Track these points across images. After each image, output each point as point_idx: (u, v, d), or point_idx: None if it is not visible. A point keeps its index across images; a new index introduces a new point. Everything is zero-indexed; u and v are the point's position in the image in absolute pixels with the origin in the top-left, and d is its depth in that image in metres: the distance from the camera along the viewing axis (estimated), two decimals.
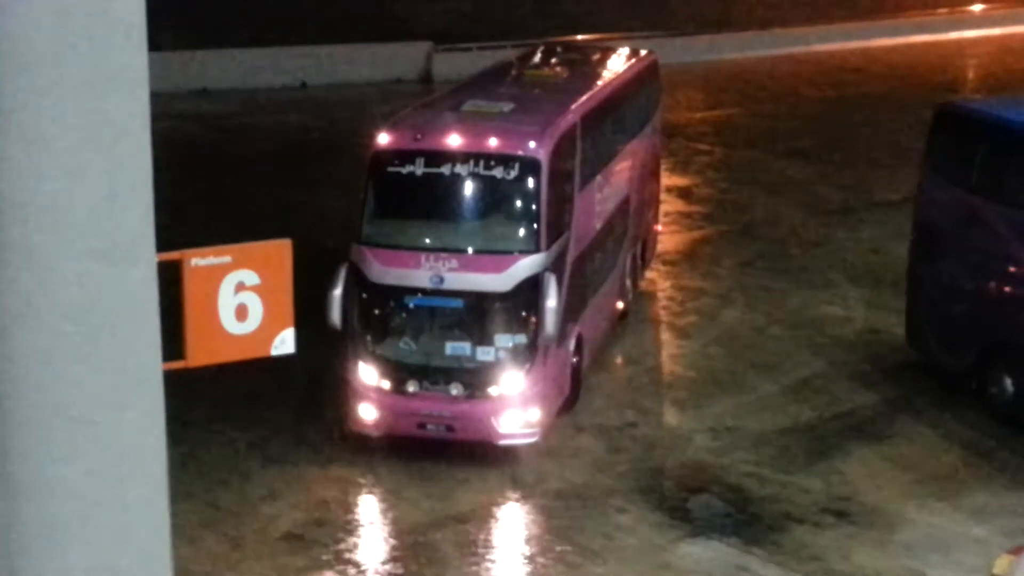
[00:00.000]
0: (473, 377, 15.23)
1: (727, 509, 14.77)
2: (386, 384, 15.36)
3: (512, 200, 15.63)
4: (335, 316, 15.06)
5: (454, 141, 15.57)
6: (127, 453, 5.92)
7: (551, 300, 15.02)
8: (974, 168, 16.82)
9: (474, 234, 15.53)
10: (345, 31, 35.93)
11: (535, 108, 17.31)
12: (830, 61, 38.36)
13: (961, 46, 40.98)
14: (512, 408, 15.23)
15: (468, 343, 15.24)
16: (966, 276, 16.88)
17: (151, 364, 5.99)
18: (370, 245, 15.40)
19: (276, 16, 35.99)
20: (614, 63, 20.98)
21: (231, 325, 8.93)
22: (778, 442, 16.23)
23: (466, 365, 15.24)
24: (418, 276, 15.11)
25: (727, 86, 35.83)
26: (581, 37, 34.95)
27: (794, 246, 23.28)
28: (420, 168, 15.45)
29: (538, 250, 15.27)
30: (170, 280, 7.94)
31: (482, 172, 15.42)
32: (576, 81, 19.32)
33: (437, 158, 15.48)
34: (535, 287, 15.07)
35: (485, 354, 15.20)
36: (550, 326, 15.07)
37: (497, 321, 15.26)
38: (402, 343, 15.40)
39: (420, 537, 14.16)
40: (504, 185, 15.48)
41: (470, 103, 16.91)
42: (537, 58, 21.14)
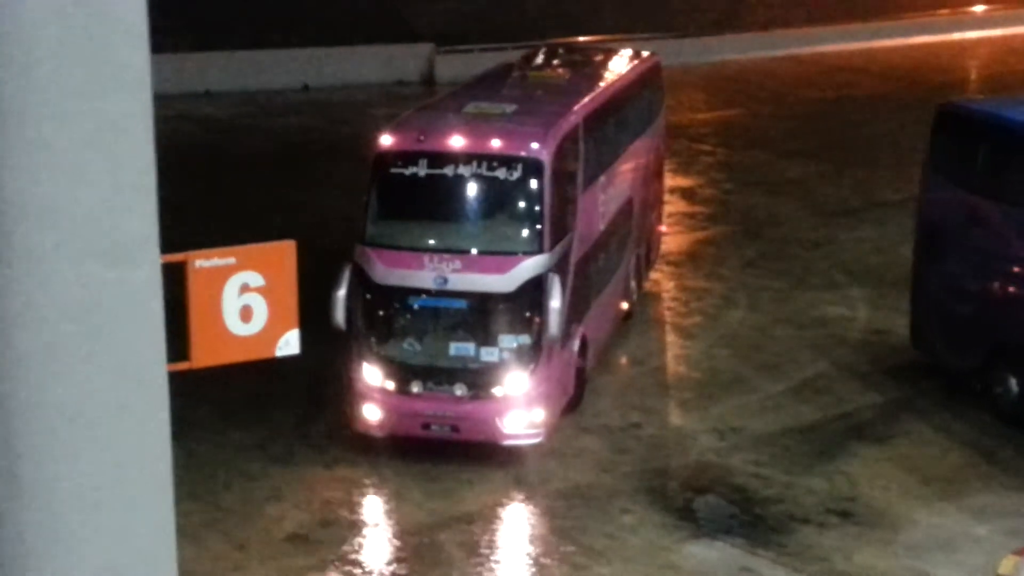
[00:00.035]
0: (477, 378, 15.23)
1: (731, 510, 14.77)
2: (390, 385, 15.36)
3: (515, 201, 15.63)
4: (339, 317, 15.07)
5: (457, 142, 15.57)
6: (131, 454, 5.90)
7: (555, 301, 15.02)
8: (976, 168, 16.83)
9: (478, 235, 15.53)
10: (347, 33, 35.88)
11: (538, 109, 17.31)
12: (832, 62, 38.35)
13: (963, 47, 40.98)
14: (516, 409, 15.23)
15: (472, 344, 15.24)
16: (970, 277, 16.87)
17: (155, 365, 5.98)
18: (374, 246, 15.41)
19: (278, 18, 35.91)
20: (616, 64, 20.96)
21: (235, 326, 8.95)
22: (782, 442, 16.23)
23: (470, 366, 15.24)
24: (422, 277, 15.12)
25: (729, 87, 35.83)
26: (583, 38, 34.92)
27: (797, 246, 23.28)
28: (423, 169, 15.45)
29: (542, 251, 15.27)
30: (174, 281, 7.95)
31: (485, 173, 15.42)
32: (579, 82, 19.32)
33: (440, 159, 15.48)
34: (539, 288, 15.07)
35: (489, 355, 15.21)
36: (554, 327, 15.06)
37: (501, 322, 15.27)
38: (406, 344, 15.40)
39: (424, 538, 14.16)
40: (507, 186, 15.48)
41: (473, 104, 16.91)
42: (539, 59, 21.15)
